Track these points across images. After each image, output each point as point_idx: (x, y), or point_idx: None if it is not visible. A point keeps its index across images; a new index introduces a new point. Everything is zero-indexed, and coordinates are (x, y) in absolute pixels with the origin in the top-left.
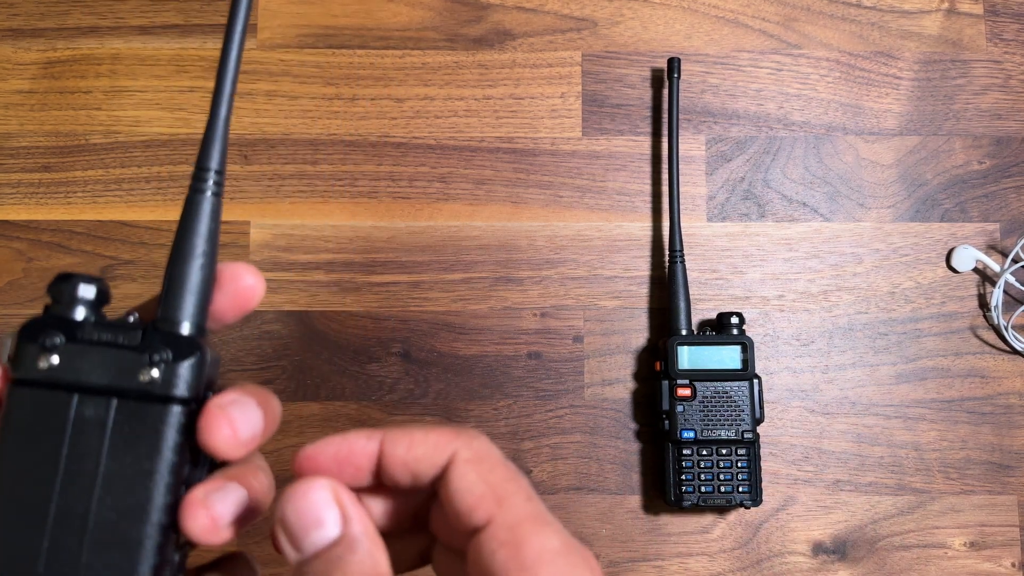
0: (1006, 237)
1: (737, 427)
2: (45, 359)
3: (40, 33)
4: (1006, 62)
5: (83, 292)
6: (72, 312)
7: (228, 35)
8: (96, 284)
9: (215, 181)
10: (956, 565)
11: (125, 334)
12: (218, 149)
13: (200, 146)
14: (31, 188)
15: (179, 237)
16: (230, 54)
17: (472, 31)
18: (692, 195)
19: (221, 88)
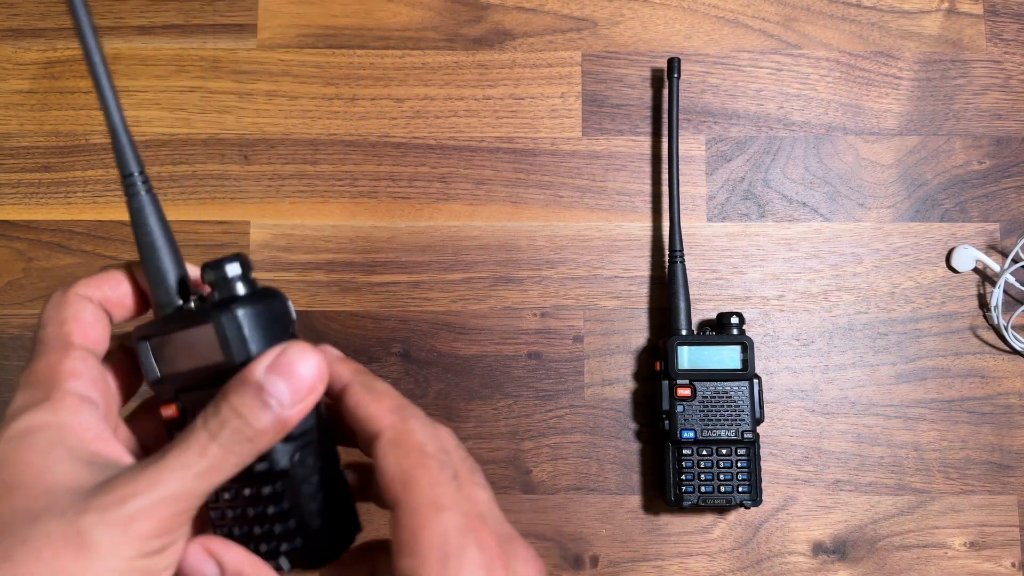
0: (1006, 237)
1: (737, 427)
2: None
3: (40, 33)
4: (1006, 62)
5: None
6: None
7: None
8: (238, 260)
9: (142, 181)
10: (956, 565)
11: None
12: (130, 154)
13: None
14: (31, 188)
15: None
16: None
17: (472, 31)
18: (692, 195)
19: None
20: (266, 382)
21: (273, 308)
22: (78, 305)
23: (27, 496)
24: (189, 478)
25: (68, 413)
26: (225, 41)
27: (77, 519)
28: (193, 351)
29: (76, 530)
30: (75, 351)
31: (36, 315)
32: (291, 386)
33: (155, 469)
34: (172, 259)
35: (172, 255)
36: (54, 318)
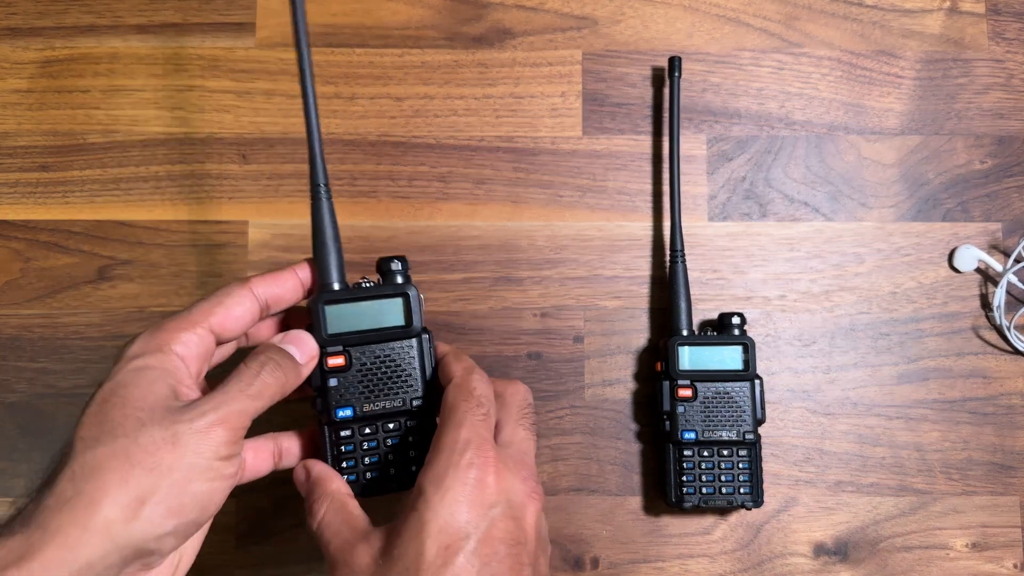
0: (1008, 237)
1: (738, 428)
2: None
3: (38, 32)
4: (1008, 61)
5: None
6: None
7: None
8: (403, 260)
9: (326, 189)
10: (958, 566)
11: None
12: (321, 167)
13: (310, 168)
14: (29, 188)
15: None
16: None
17: (472, 30)
18: (693, 194)
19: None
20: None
21: (419, 298)
22: (243, 298)
23: (137, 408)
24: (245, 399)
25: (171, 363)
26: (223, 40)
27: (172, 426)
28: (376, 316)
29: (172, 433)
30: (198, 328)
31: (34, 315)
32: (300, 348)
33: (223, 393)
34: (337, 252)
35: (338, 250)
36: (216, 295)
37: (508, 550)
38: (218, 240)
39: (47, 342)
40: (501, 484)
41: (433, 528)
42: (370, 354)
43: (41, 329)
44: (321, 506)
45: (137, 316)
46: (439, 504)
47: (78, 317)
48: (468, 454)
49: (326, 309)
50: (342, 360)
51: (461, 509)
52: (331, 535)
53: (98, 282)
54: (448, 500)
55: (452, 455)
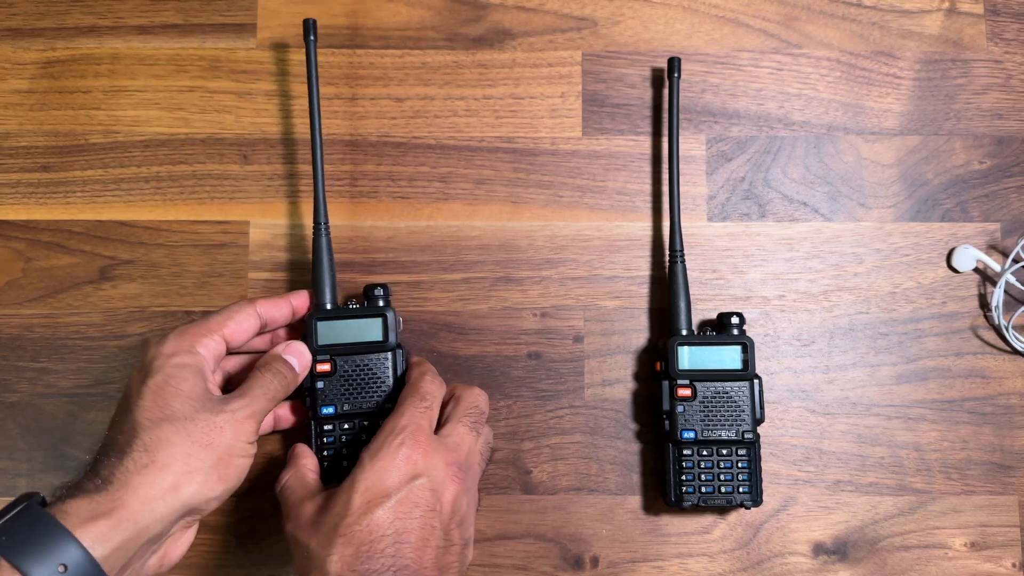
0: (1007, 237)
1: (737, 427)
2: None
3: (39, 33)
4: (1007, 62)
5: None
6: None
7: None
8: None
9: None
10: (957, 565)
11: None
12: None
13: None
14: (30, 188)
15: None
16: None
17: (472, 30)
18: (692, 195)
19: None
20: (287, 356)
21: (396, 320)
22: (248, 315)
23: (189, 396)
24: (264, 400)
25: (201, 362)
26: (224, 40)
27: (215, 417)
28: (358, 331)
29: (216, 422)
30: (215, 336)
31: (35, 315)
32: (299, 360)
33: (249, 395)
34: (331, 278)
35: (332, 276)
36: (228, 312)
37: (422, 513)
38: (219, 240)
39: (48, 342)
40: (427, 461)
41: (361, 486)
42: (352, 363)
43: (42, 329)
44: (287, 473)
45: (138, 316)
46: (370, 469)
47: (79, 317)
48: (402, 435)
49: (318, 324)
50: (328, 367)
51: (388, 475)
52: (288, 494)
53: (99, 282)
54: (378, 467)
55: (389, 436)
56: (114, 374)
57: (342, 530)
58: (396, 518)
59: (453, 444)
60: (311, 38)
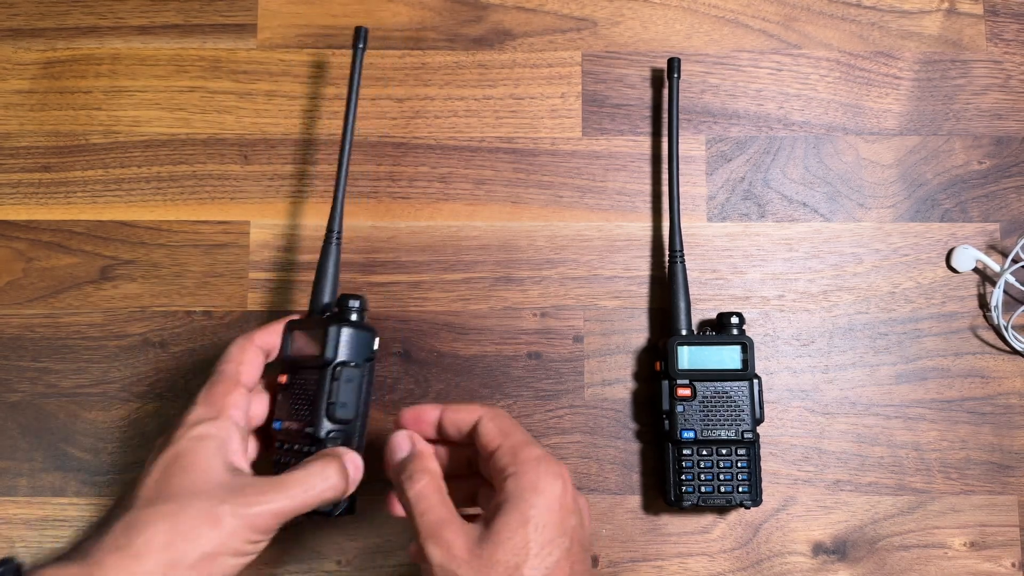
0: (1006, 237)
1: (737, 427)
2: None
3: (40, 33)
4: (1006, 62)
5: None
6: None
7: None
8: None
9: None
10: (956, 565)
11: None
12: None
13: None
14: (31, 188)
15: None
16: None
17: (472, 31)
18: (692, 195)
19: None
20: (347, 464)
21: (362, 337)
22: (253, 353)
23: (193, 478)
24: (288, 505)
25: (226, 431)
26: (225, 41)
27: (219, 505)
28: (308, 344)
29: (217, 512)
30: (240, 388)
31: (36, 315)
32: (356, 471)
33: (272, 490)
34: (331, 288)
35: (333, 286)
36: (236, 357)
37: (583, 553)
38: (220, 240)
39: (49, 342)
40: (574, 493)
41: (538, 524)
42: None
43: (43, 329)
44: (422, 477)
45: (139, 316)
46: (538, 506)
47: (80, 317)
48: (552, 465)
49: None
50: (285, 379)
51: (555, 511)
52: (427, 507)
53: (100, 282)
54: (545, 503)
55: (539, 466)
56: (115, 374)
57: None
58: (571, 565)
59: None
60: (360, 46)
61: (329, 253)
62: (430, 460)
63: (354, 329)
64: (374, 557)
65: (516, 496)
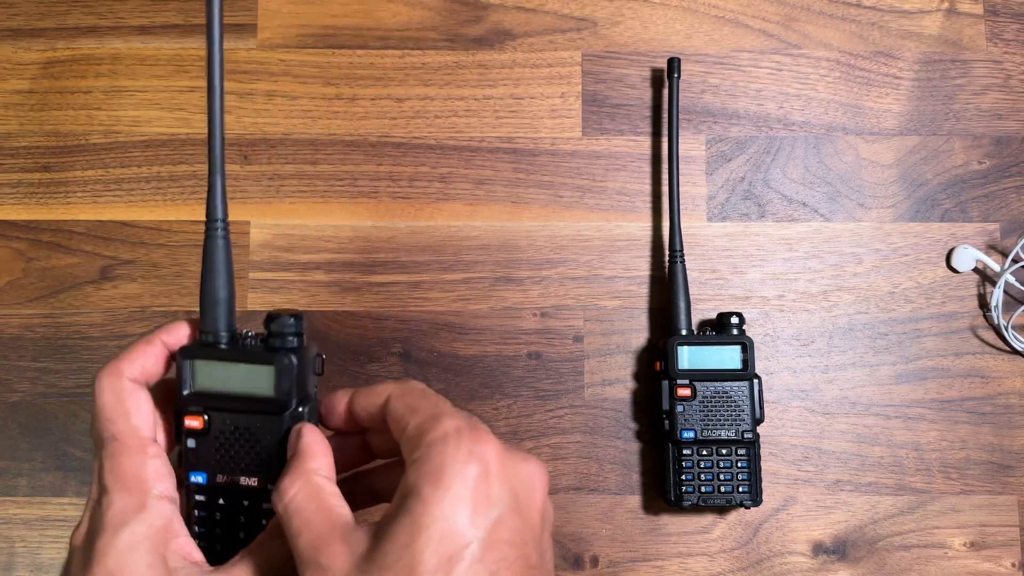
0: (1006, 237)
1: (737, 427)
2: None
3: (40, 33)
4: (1006, 62)
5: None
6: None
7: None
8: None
9: (223, 227)
10: (956, 565)
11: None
12: (221, 202)
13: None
14: (31, 188)
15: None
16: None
17: (472, 31)
18: (692, 195)
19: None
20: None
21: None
22: (136, 395)
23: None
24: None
25: (160, 519)
26: (225, 41)
27: None
28: (243, 380)
29: None
30: (150, 448)
31: (36, 315)
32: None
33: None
34: (228, 299)
35: (229, 296)
36: (118, 411)
37: (517, 552)
38: None
39: (49, 342)
40: (504, 473)
41: (433, 534)
42: (232, 420)
43: (43, 329)
44: (293, 484)
45: (139, 316)
46: (438, 505)
47: (80, 317)
48: (465, 443)
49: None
50: (200, 423)
51: (463, 510)
52: (301, 524)
53: (100, 282)
54: (449, 500)
55: (447, 447)
56: None
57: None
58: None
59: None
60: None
61: (217, 250)
62: (311, 459)
63: (303, 358)
64: None
65: (412, 494)
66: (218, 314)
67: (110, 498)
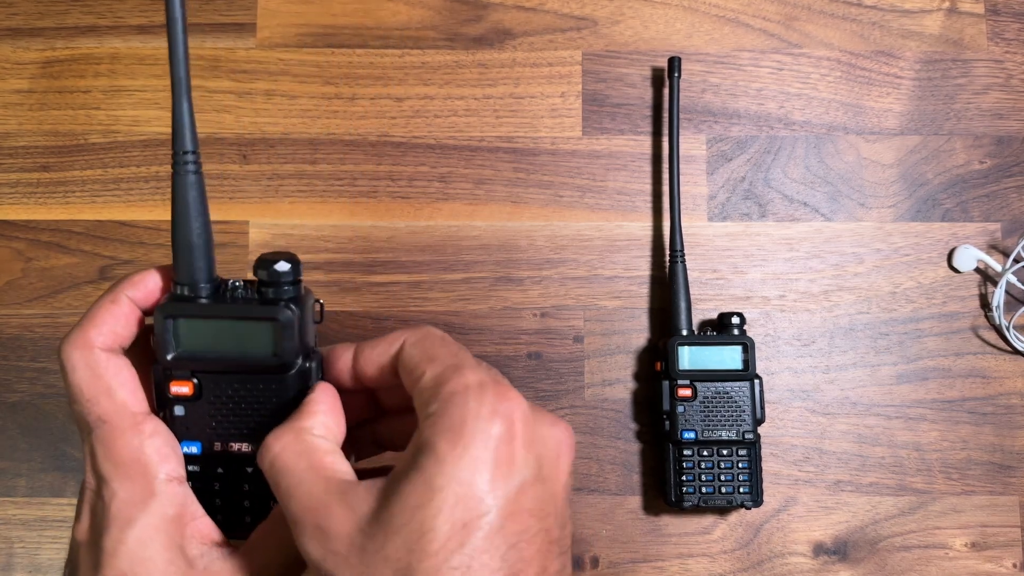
0: (1007, 237)
1: (738, 427)
2: None
3: (39, 32)
4: (1007, 61)
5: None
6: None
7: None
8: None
9: (194, 161)
10: (957, 566)
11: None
12: (189, 133)
13: (172, 132)
14: (30, 188)
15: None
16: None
17: (472, 30)
18: (693, 195)
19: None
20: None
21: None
22: (114, 366)
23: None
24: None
25: (172, 506)
26: (224, 40)
27: None
28: (237, 339)
29: None
30: (145, 425)
31: (35, 315)
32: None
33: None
34: (206, 244)
35: (207, 241)
36: (98, 388)
37: (539, 525)
38: (219, 240)
39: (48, 342)
40: (530, 435)
41: (448, 497)
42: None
43: (42, 329)
44: (279, 439)
45: None
46: (455, 465)
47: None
48: (489, 399)
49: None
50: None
51: (482, 473)
52: (291, 485)
53: (99, 282)
54: (467, 460)
55: (468, 401)
56: None
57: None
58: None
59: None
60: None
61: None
62: (306, 417)
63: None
64: None
65: (426, 451)
66: (195, 262)
67: (111, 489)
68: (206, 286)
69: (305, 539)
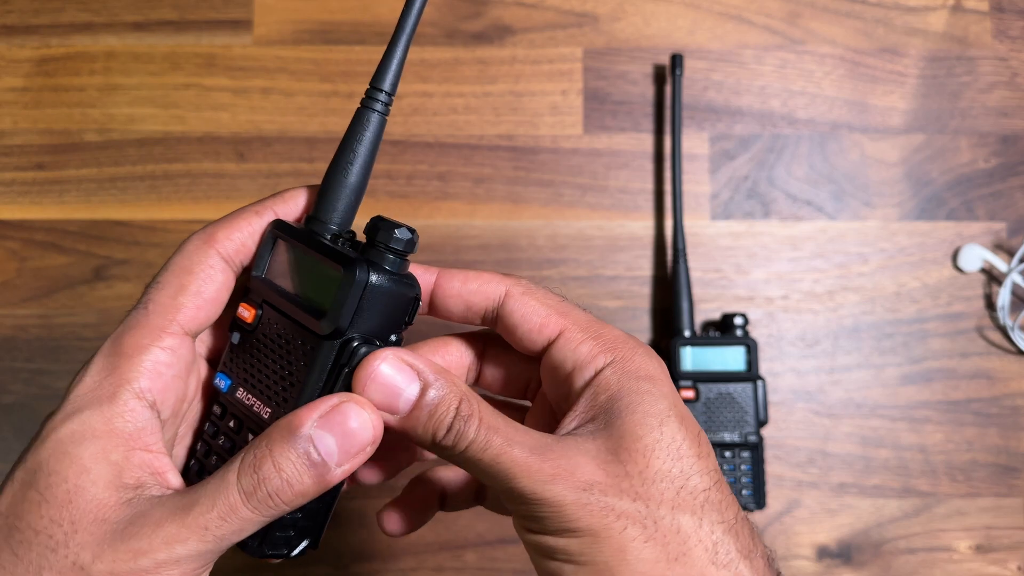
0: (1013, 236)
1: (741, 429)
2: None
3: (34, 30)
4: (1012, 59)
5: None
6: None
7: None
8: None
9: (385, 103)
10: (962, 568)
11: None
12: (394, 73)
13: (377, 68)
14: (24, 186)
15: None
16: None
17: (471, 26)
18: (695, 193)
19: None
20: (315, 437)
21: (399, 301)
22: (212, 273)
23: (54, 517)
24: (209, 540)
25: (124, 421)
26: (221, 37)
27: (90, 566)
28: (311, 281)
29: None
30: (168, 337)
31: (29, 315)
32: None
33: (176, 524)
34: (358, 188)
35: (360, 185)
36: (178, 280)
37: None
38: None
39: (43, 343)
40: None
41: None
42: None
43: (37, 329)
44: (472, 416)
45: None
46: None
47: (74, 317)
48: (644, 345)
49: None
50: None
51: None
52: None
53: (94, 282)
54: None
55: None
56: None
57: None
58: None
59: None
60: None
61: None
62: (462, 384)
63: (394, 285)
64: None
65: (632, 389)
66: (338, 200)
67: (85, 371)
68: (335, 227)
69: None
